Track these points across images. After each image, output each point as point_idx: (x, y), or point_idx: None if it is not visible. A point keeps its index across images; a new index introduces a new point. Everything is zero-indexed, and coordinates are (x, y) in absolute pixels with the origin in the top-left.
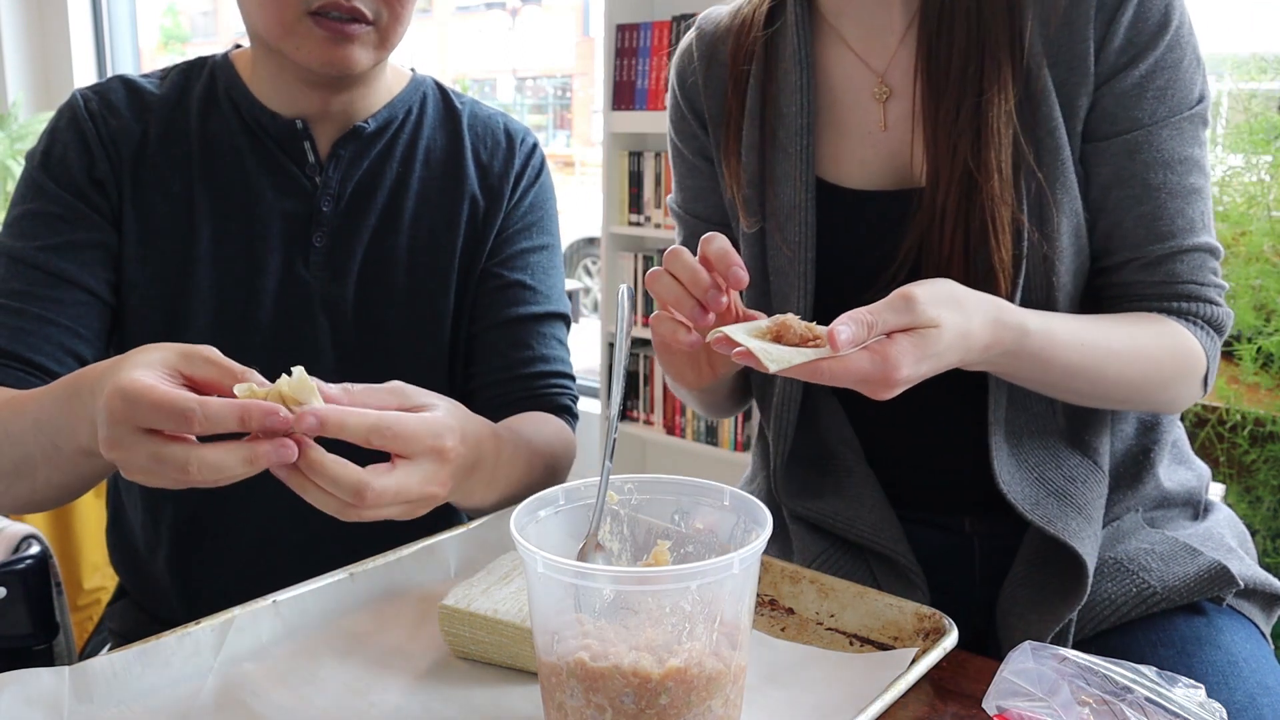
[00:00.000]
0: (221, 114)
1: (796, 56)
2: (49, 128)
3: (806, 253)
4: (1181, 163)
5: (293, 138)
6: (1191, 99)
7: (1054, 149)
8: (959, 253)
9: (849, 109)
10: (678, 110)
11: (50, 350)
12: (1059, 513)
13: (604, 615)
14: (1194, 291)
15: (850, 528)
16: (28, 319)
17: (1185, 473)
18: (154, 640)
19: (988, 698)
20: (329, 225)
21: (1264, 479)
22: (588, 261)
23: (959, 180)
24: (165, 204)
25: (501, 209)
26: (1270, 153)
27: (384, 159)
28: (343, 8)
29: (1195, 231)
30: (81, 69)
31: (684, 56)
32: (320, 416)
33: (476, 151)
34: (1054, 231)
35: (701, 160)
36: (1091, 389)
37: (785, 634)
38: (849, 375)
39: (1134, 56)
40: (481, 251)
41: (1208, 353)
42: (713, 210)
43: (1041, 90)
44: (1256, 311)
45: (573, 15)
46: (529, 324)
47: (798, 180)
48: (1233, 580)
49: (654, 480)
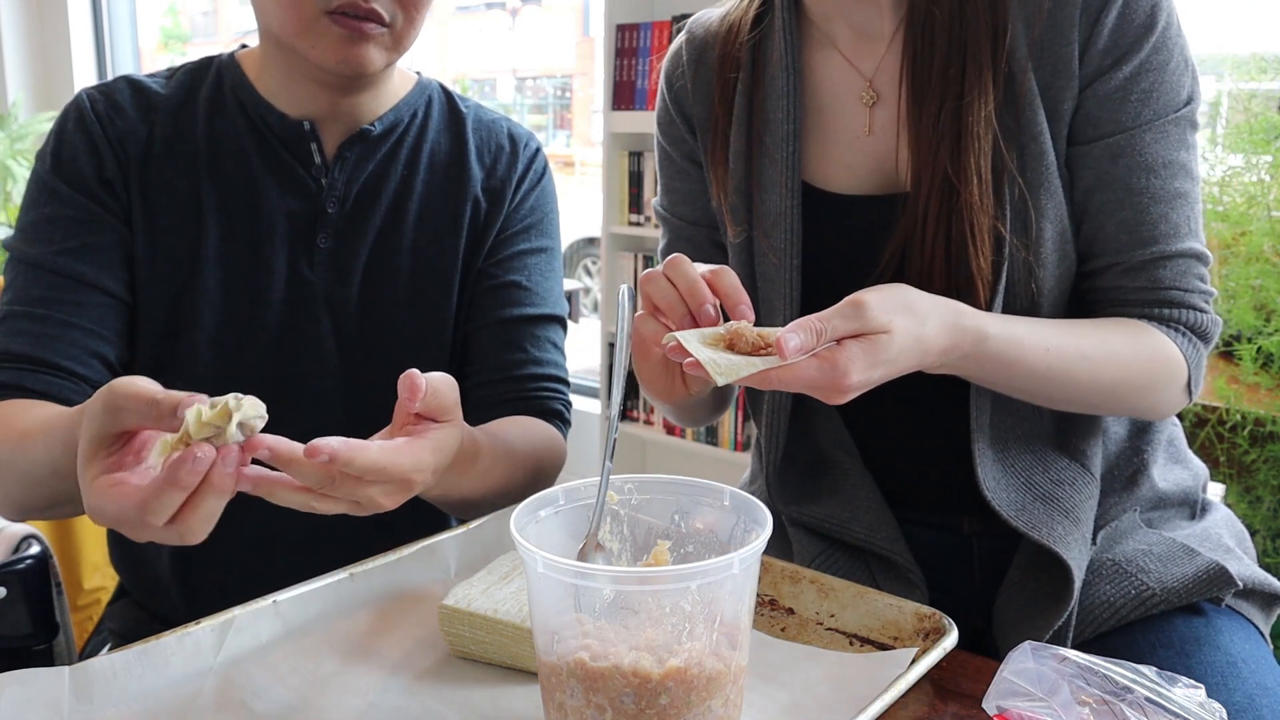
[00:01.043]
0: (228, 114)
1: (784, 61)
2: (55, 130)
3: (792, 259)
4: (1166, 166)
5: (299, 138)
6: (1178, 101)
7: (1037, 154)
8: (940, 259)
9: (836, 113)
10: (666, 114)
11: (74, 353)
12: (1045, 517)
13: (604, 615)
14: (1177, 298)
15: (846, 530)
16: (51, 325)
17: (1181, 472)
18: (154, 640)
19: (988, 698)
20: (334, 226)
21: (1264, 479)
22: (588, 261)
23: (939, 185)
24: (171, 204)
25: (502, 211)
26: (1270, 153)
27: (389, 161)
28: (360, 8)
29: (1180, 237)
30: (81, 69)
31: (673, 60)
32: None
33: (480, 155)
34: (1037, 238)
35: (689, 164)
36: (1062, 394)
37: (785, 634)
38: (798, 382)
39: (1118, 58)
40: (481, 252)
41: (1189, 360)
42: (700, 214)
43: (1026, 95)
44: (1256, 311)
45: (573, 15)
46: (523, 325)
47: (784, 186)
48: (1231, 581)
49: (654, 480)
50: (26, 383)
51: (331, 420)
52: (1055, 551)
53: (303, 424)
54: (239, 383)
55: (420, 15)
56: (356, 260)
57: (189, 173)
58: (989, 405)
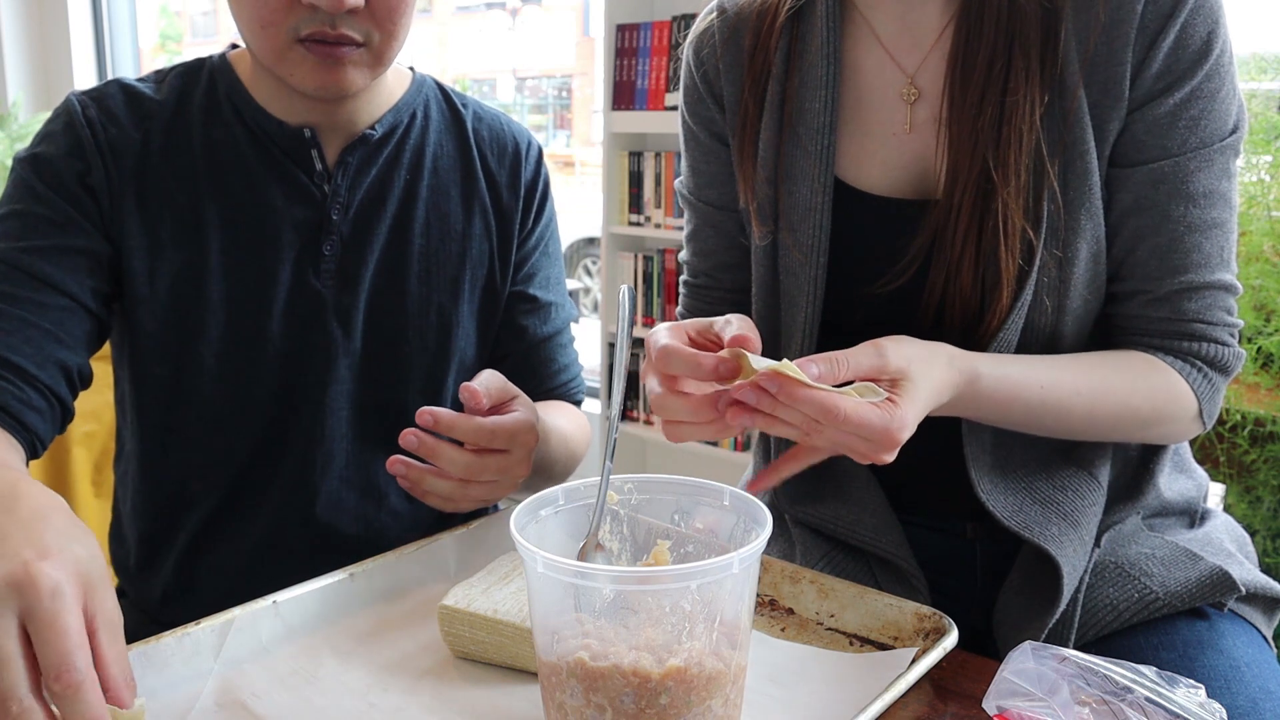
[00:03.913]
0: (225, 121)
1: (824, 50)
2: (43, 131)
3: (819, 256)
4: (1206, 196)
5: (300, 146)
6: (1224, 130)
7: (1082, 172)
8: (970, 257)
9: (874, 108)
10: (694, 92)
11: (30, 353)
12: (1040, 519)
13: (604, 615)
14: (1200, 331)
15: (852, 532)
16: (9, 320)
17: (1186, 482)
18: (154, 641)
19: (988, 698)
20: (339, 234)
21: (1264, 479)
22: (588, 261)
23: (975, 180)
24: (172, 216)
25: (515, 227)
26: (1270, 153)
27: (392, 165)
28: (328, 35)
29: (1211, 268)
30: (81, 69)
31: (703, 37)
32: (435, 416)
33: (484, 159)
34: (1071, 256)
35: (718, 143)
36: (1060, 428)
37: (785, 634)
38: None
39: (1170, 84)
40: (495, 268)
41: (1199, 394)
42: (728, 199)
43: (1075, 112)
44: (1256, 311)
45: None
46: (554, 339)
47: (816, 180)
48: (1234, 586)
49: (654, 480)
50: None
51: (342, 431)
52: (1045, 549)
53: (314, 434)
54: (247, 395)
55: (399, 28)
56: (364, 268)
57: (188, 183)
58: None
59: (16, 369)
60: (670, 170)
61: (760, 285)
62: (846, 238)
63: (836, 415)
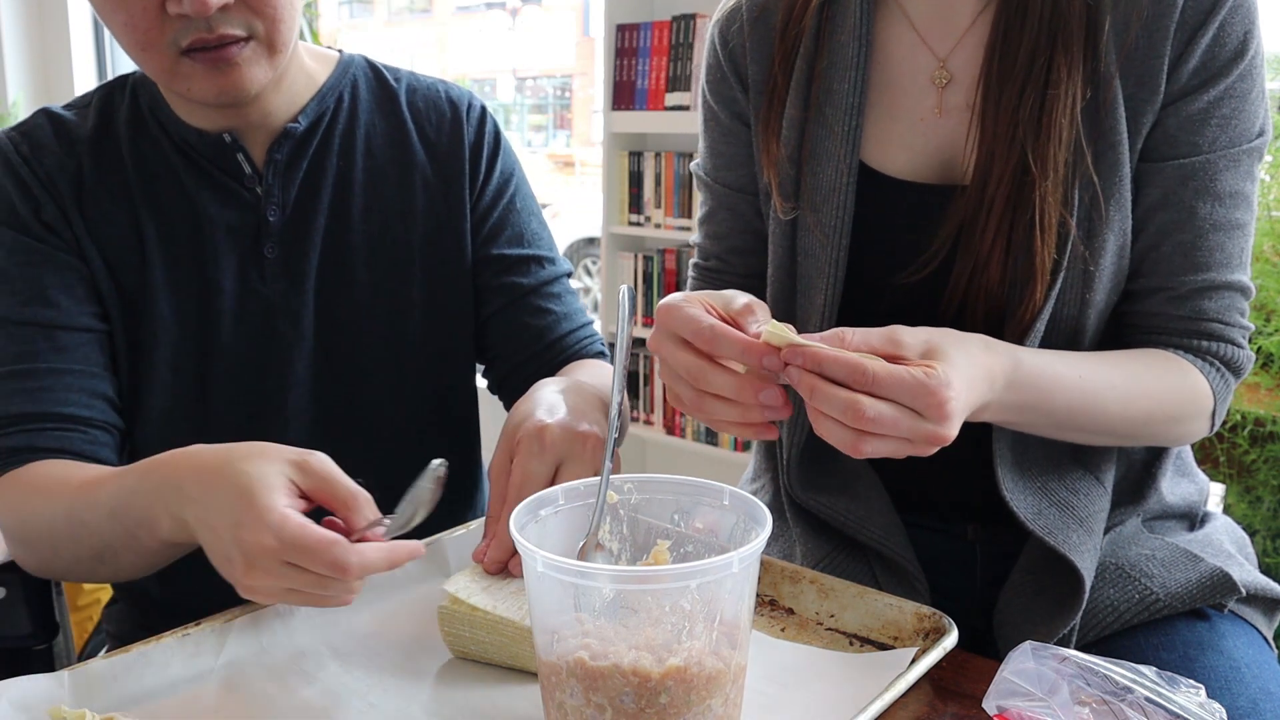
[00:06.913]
0: (150, 136)
1: (857, 31)
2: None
3: (841, 239)
4: (1231, 196)
5: (223, 152)
6: (1252, 132)
7: (1114, 163)
8: (1000, 250)
9: (903, 92)
10: (718, 71)
11: (74, 399)
12: (1060, 524)
13: (604, 615)
14: (1217, 331)
15: (861, 529)
16: (41, 377)
17: (1187, 485)
18: (154, 641)
19: (988, 698)
20: (278, 234)
21: (1264, 479)
22: (588, 261)
23: (1012, 173)
24: (115, 237)
25: (465, 191)
26: (1270, 153)
27: (322, 156)
28: (209, 40)
29: (1231, 268)
30: (81, 69)
31: (730, 16)
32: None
33: (421, 130)
34: (1100, 247)
35: (739, 124)
36: (1094, 424)
37: (785, 634)
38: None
39: (1206, 80)
40: (451, 239)
41: (1216, 393)
42: (746, 180)
43: (1111, 101)
44: (1256, 311)
45: (573, 15)
46: (540, 290)
47: (841, 161)
48: (1234, 587)
49: (654, 480)
50: (39, 442)
51: (308, 430)
52: (1069, 559)
53: (280, 439)
54: (208, 405)
55: (282, 10)
56: (307, 264)
57: (125, 204)
58: None
59: (73, 419)
60: (670, 170)
61: (777, 267)
62: (869, 223)
63: (865, 375)
